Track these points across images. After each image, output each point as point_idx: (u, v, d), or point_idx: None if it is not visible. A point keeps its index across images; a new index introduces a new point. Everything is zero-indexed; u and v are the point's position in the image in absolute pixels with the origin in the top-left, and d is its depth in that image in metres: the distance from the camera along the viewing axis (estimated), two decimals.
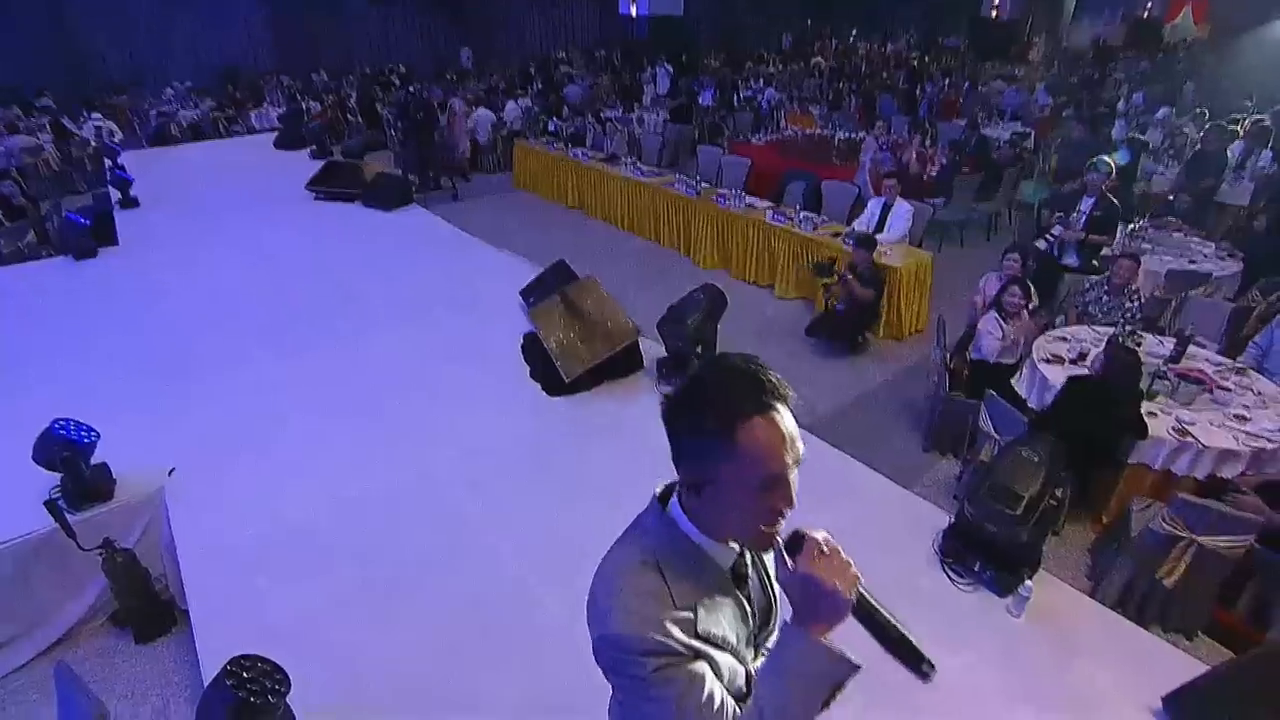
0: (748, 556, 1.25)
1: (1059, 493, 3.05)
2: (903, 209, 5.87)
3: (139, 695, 3.09)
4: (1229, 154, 7.03)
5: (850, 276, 5.25)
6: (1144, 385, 3.78)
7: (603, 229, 8.41)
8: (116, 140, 11.28)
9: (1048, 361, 4.08)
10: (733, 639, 1.18)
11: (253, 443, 3.71)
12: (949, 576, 2.79)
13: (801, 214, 6.36)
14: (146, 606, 3.22)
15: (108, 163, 8.46)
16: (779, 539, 1.13)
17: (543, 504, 3.29)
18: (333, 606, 2.76)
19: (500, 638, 2.64)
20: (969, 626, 2.63)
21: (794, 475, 1.11)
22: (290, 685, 2.09)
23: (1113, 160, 5.52)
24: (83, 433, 3.12)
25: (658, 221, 7.70)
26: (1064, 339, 4.33)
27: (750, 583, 1.27)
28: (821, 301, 5.76)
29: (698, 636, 1.10)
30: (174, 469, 3.40)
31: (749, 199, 6.83)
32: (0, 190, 6.76)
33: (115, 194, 7.33)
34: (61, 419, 3.12)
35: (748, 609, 1.23)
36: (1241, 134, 7.54)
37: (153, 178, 8.28)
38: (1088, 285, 4.76)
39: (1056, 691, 2.41)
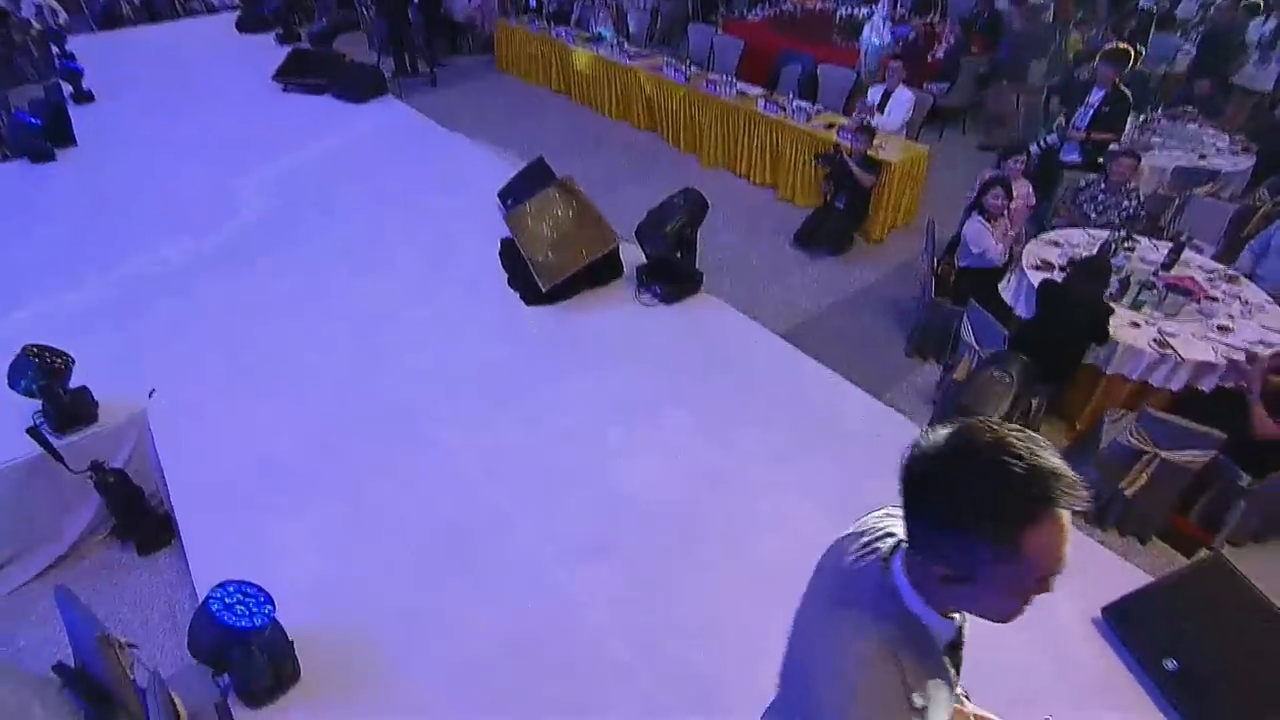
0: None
1: (1033, 403, 3.10)
2: (903, 96, 5.54)
3: (145, 603, 3.27)
4: (1251, 32, 6.51)
5: (843, 154, 5.07)
6: (1132, 295, 3.73)
7: (589, 116, 7.99)
8: (61, 21, 10.46)
9: (1036, 268, 3.99)
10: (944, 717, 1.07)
11: (228, 356, 3.71)
12: None
13: (795, 103, 6.00)
14: (144, 522, 3.33)
15: (54, 49, 7.88)
16: None
17: (519, 420, 3.33)
18: (313, 529, 2.86)
19: (480, 558, 2.75)
20: None
21: None
22: None
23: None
24: (55, 358, 3.11)
25: (646, 108, 7.29)
26: (1056, 243, 4.22)
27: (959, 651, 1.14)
28: (820, 195, 5.56)
29: None
30: (154, 390, 3.42)
31: (740, 85, 6.42)
32: None
33: (67, 88, 6.88)
34: (32, 345, 3.09)
35: (954, 678, 1.11)
36: (1264, 9, 6.93)
37: (106, 67, 7.75)
38: (1084, 183, 4.58)
39: None
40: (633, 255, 4.23)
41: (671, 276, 3.97)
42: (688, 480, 3.04)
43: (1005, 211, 4.09)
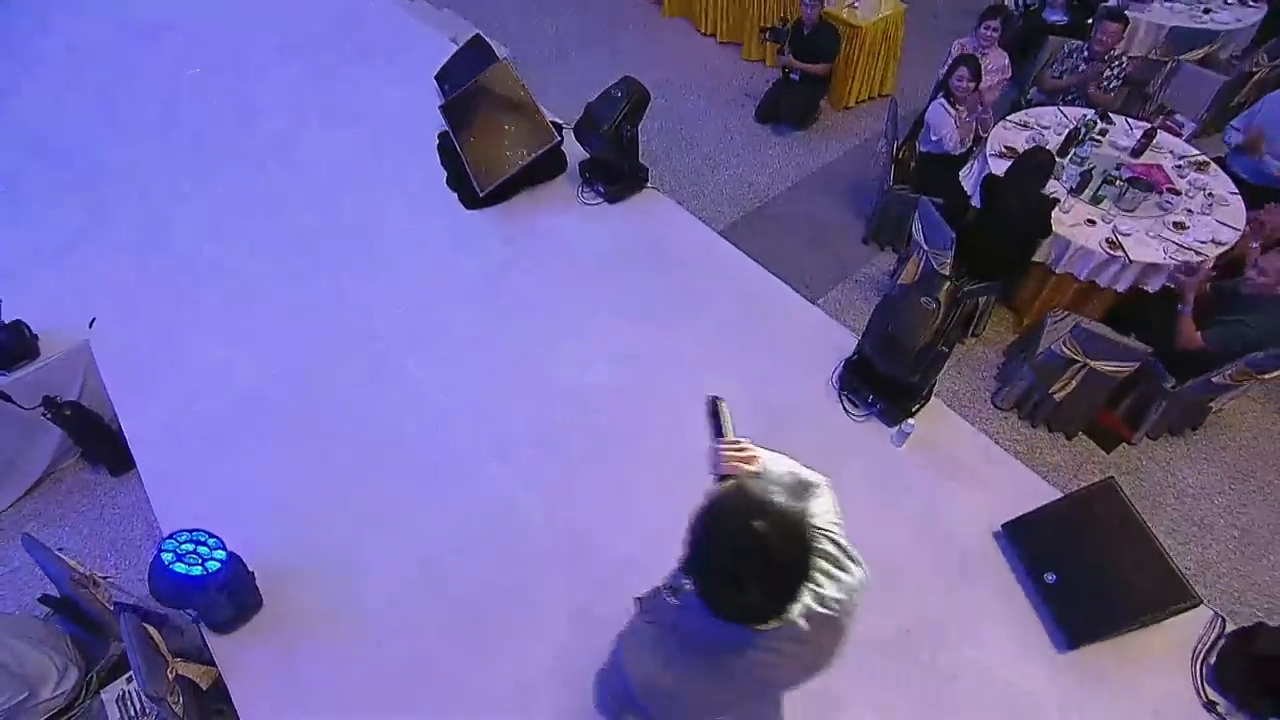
0: None
1: (979, 302, 3.09)
2: None
3: (126, 520, 3.49)
4: None
5: (789, 55, 4.66)
6: (1092, 189, 3.60)
7: None
8: None
9: (999, 156, 3.81)
10: None
11: (159, 273, 3.62)
12: (844, 406, 2.97)
13: None
14: (110, 448, 3.46)
15: None
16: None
17: (465, 331, 3.31)
18: (264, 449, 2.93)
19: (424, 459, 2.86)
20: (851, 450, 2.87)
21: None
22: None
23: None
24: None
25: None
26: (1025, 125, 3.99)
27: None
28: (774, 61, 5.16)
29: None
30: (94, 319, 3.39)
31: None
32: None
33: None
34: None
35: None
36: None
37: None
38: (1066, 50, 4.23)
39: (911, 509, 2.70)
40: (577, 149, 4.00)
41: (614, 175, 3.79)
42: (621, 374, 3.12)
43: (971, 94, 3.83)
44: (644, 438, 2.93)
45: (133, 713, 2.53)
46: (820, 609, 1.11)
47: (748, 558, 0.95)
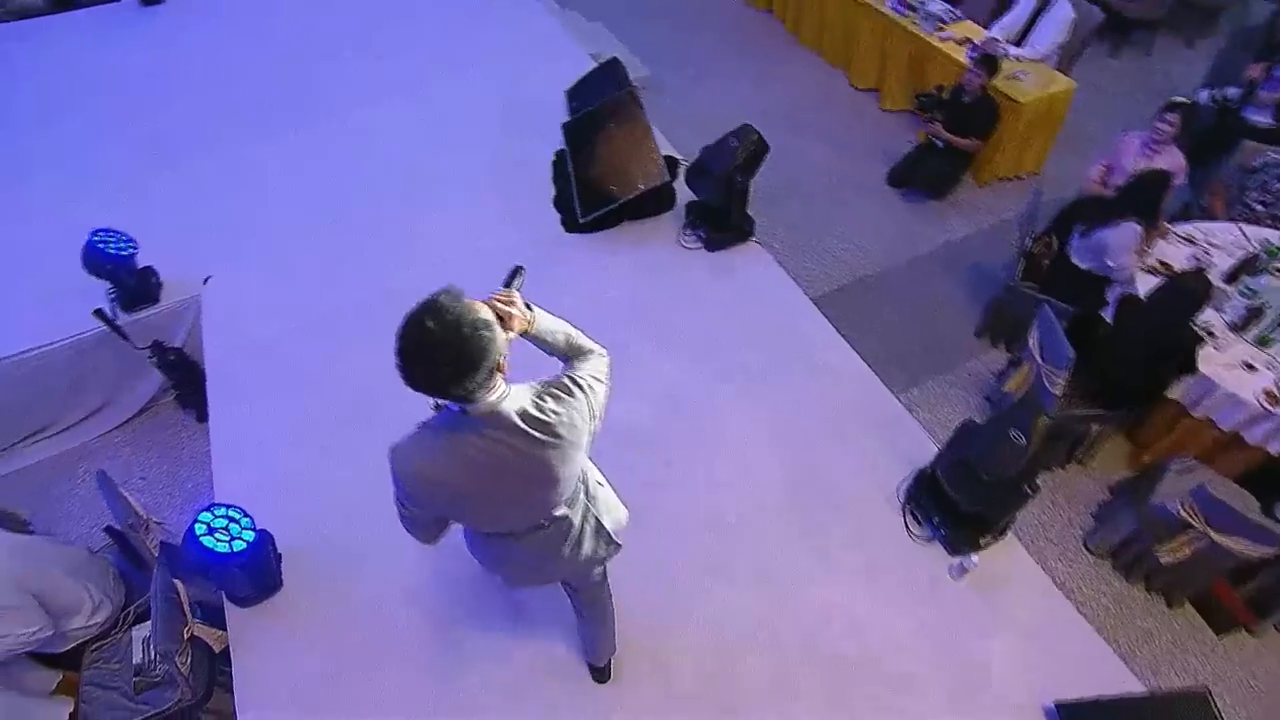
0: None
1: (1092, 430, 2.73)
2: (1059, 14, 4.53)
3: (199, 464, 3.73)
4: None
5: (938, 122, 4.33)
6: (1261, 328, 3.10)
7: None
8: None
9: (1150, 271, 3.37)
10: None
11: (280, 239, 3.85)
12: (905, 520, 2.71)
13: (932, 2, 5.06)
14: (200, 396, 3.72)
15: None
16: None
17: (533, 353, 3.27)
18: (329, 451, 3.01)
19: None
20: (901, 571, 2.61)
21: None
22: None
23: None
24: (120, 246, 3.36)
25: None
26: (1190, 240, 3.51)
27: None
28: (921, 132, 4.85)
29: None
30: (210, 278, 3.66)
31: None
32: None
33: None
34: (100, 232, 3.34)
35: None
36: None
37: None
38: (1260, 163, 3.69)
39: (952, 660, 2.41)
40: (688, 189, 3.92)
41: (719, 223, 3.67)
42: (664, 418, 3.07)
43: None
44: (670, 487, 2.83)
45: (152, 656, 2.67)
46: (537, 414, 1.44)
47: (416, 342, 1.24)
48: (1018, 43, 4.73)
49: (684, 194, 3.88)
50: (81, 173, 4.30)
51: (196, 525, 2.37)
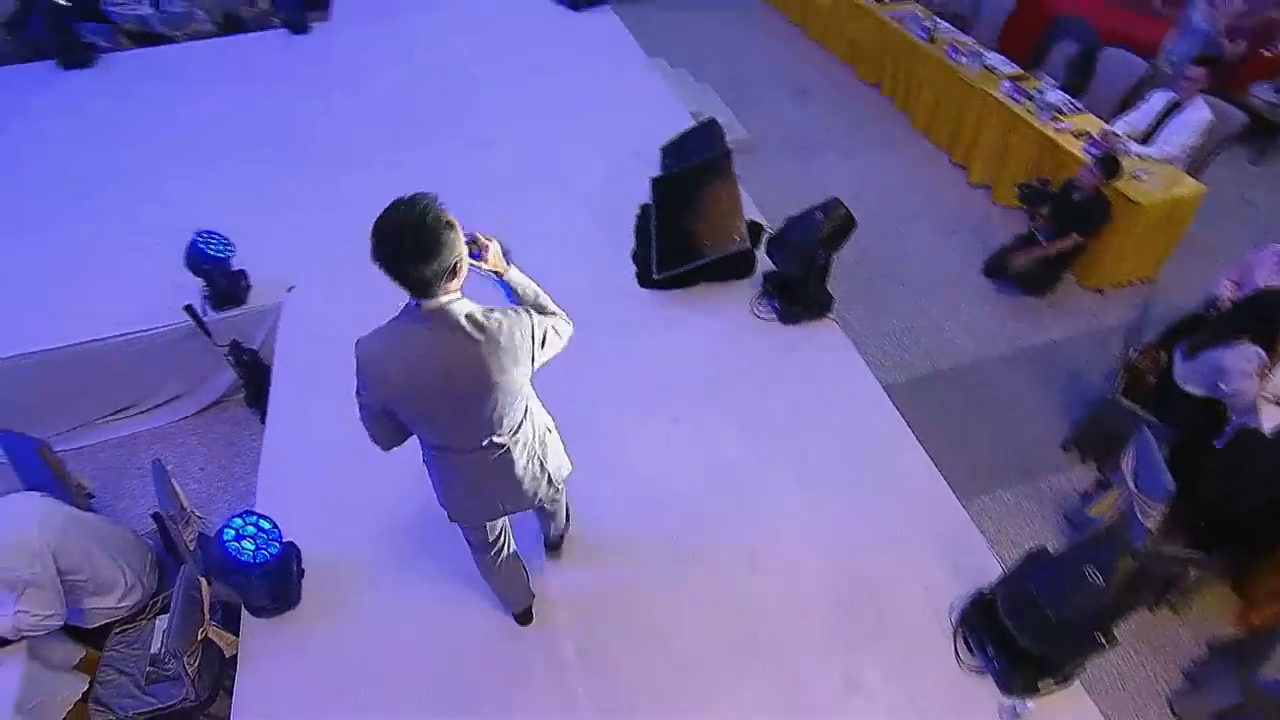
0: None
1: (1190, 573, 2.40)
2: (1193, 117, 4.22)
3: (256, 463, 3.83)
4: None
5: (1040, 217, 4.09)
6: None
7: (817, 56, 7.19)
8: None
9: (1277, 403, 2.99)
10: None
11: (356, 260, 3.95)
12: (955, 646, 2.43)
13: (1052, 92, 4.85)
14: (266, 398, 3.86)
15: None
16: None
17: (590, 391, 3.18)
18: (373, 478, 2.97)
19: None
20: (948, 699, 2.33)
21: None
22: None
23: None
24: (218, 248, 3.57)
25: (877, 59, 6.36)
26: None
27: None
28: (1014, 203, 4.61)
29: None
30: (293, 287, 3.83)
31: (993, 58, 5.31)
32: None
33: None
34: (204, 233, 3.57)
35: None
36: None
37: None
38: None
39: None
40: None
41: (796, 296, 3.55)
42: (711, 485, 2.95)
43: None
44: (704, 566, 2.69)
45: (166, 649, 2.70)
46: (480, 318, 1.63)
47: (387, 219, 1.49)
48: (1143, 140, 4.45)
49: (764, 262, 3.79)
50: (207, 176, 4.67)
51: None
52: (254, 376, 3.72)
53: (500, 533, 2.22)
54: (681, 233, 3.82)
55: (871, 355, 3.83)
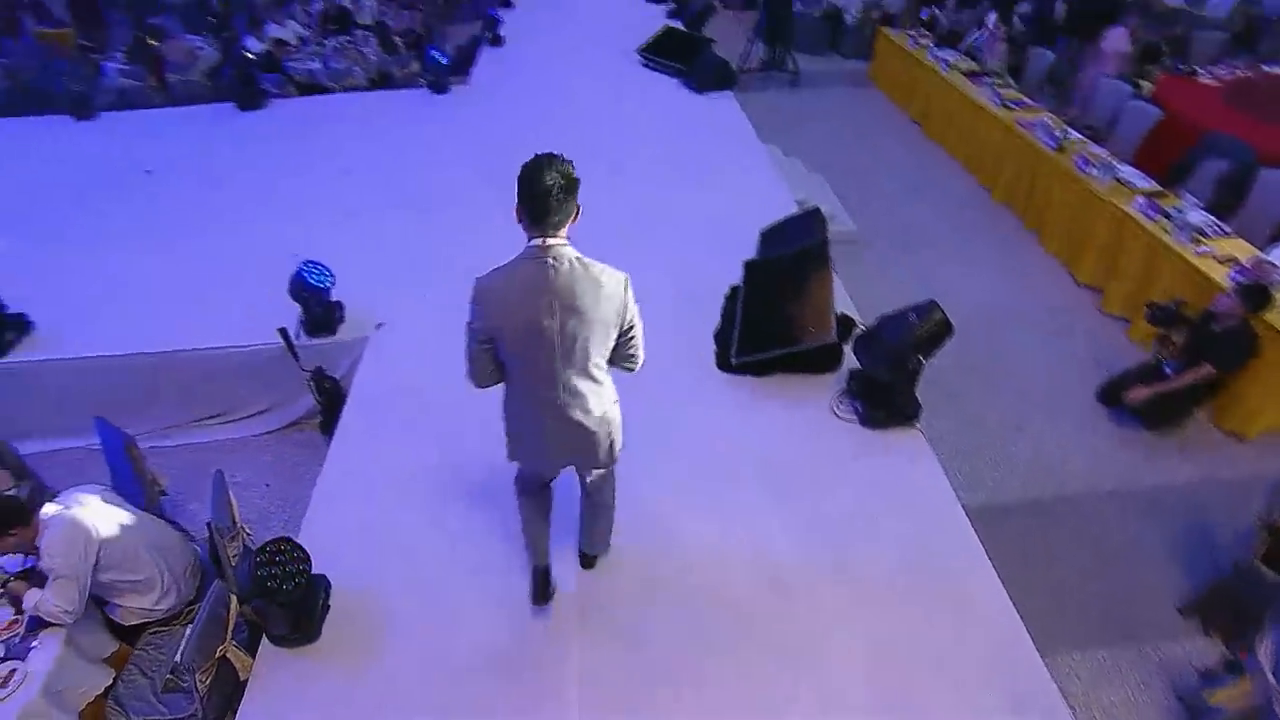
0: None
1: None
2: None
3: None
4: None
5: (1172, 344, 3.67)
6: None
7: (936, 157, 7.05)
8: None
9: None
10: None
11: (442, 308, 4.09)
12: None
13: (1194, 210, 4.46)
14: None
15: None
16: None
17: (635, 461, 3.03)
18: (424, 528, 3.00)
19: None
20: None
21: None
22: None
23: None
24: (319, 277, 3.77)
25: (997, 163, 6.13)
26: None
27: None
28: (1149, 343, 4.17)
29: None
30: (382, 324, 3.98)
31: (1126, 171, 4.98)
32: (401, 20, 8.08)
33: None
34: (310, 262, 3.79)
35: None
36: None
37: (522, 14, 9.37)
38: None
39: None
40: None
41: (880, 400, 3.32)
42: (754, 592, 2.71)
43: None
44: (740, 685, 2.43)
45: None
46: (587, 261, 1.96)
47: (537, 170, 1.82)
48: None
49: (851, 359, 3.59)
50: (332, 210, 5.06)
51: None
52: (332, 404, 3.84)
53: (546, 488, 2.47)
54: (767, 319, 3.70)
55: (956, 471, 3.50)
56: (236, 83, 6.84)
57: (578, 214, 1.91)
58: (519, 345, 1.97)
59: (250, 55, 7.18)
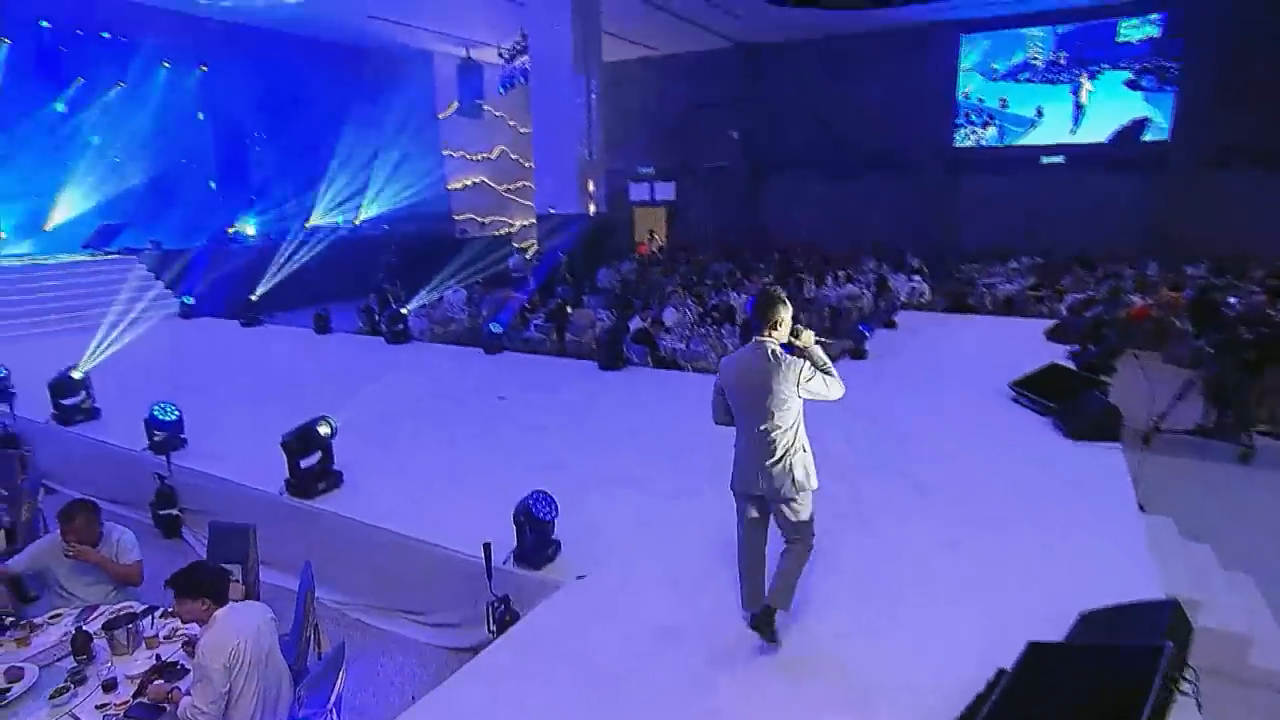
0: None
1: None
2: None
3: None
4: None
5: None
6: None
7: None
8: (924, 298, 12.89)
9: None
10: None
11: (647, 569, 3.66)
12: None
13: None
14: None
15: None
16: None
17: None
18: None
19: None
20: None
21: None
22: None
23: None
24: (543, 509, 3.75)
25: None
26: None
27: None
28: None
29: None
30: (583, 576, 3.69)
31: None
32: None
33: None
34: (538, 493, 3.81)
35: None
36: None
37: (918, 338, 9.61)
38: None
39: None
40: None
41: None
42: None
43: None
44: None
45: None
46: (780, 352, 3.06)
47: (764, 298, 3.10)
48: None
49: None
50: (604, 467, 5.23)
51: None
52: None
53: (756, 521, 3.24)
54: None
55: None
56: (604, 347, 8.07)
57: (780, 324, 3.04)
58: (735, 399, 3.12)
59: (626, 329, 8.52)
